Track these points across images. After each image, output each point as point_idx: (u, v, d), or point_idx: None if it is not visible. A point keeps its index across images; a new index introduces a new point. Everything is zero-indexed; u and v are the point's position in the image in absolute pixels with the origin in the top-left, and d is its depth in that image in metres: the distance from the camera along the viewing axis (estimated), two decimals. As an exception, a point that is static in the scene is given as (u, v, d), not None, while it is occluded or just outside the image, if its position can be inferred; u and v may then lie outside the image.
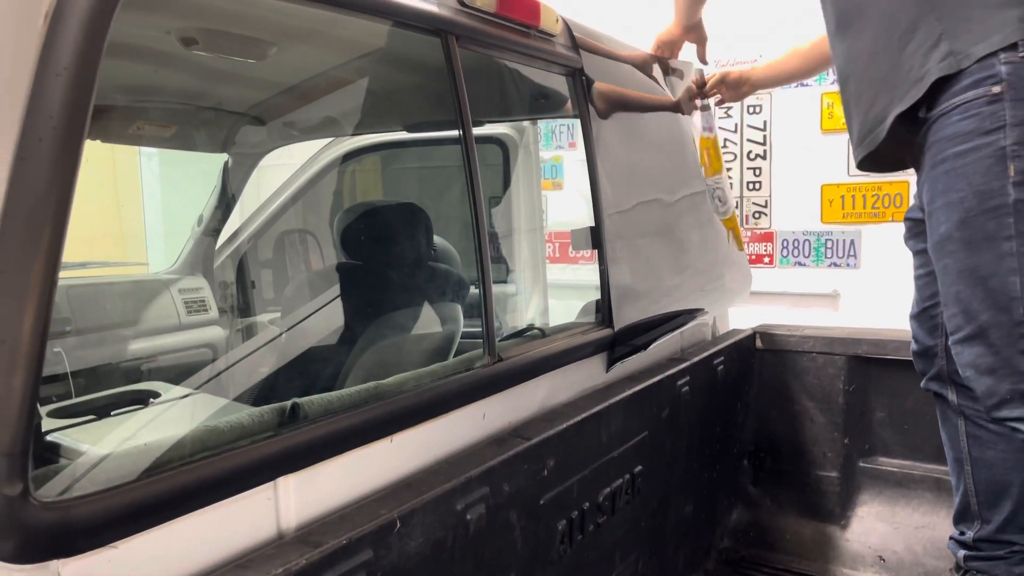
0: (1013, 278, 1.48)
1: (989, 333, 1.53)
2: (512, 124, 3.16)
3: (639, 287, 2.01)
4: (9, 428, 0.74)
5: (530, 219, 3.51)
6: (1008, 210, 1.46)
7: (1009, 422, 1.56)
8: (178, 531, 0.91)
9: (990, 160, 1.48)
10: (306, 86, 2.23)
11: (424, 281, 2.58)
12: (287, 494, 1.06)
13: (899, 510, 2.42)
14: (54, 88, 0.81)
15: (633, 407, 1.80)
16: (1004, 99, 1.46)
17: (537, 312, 3.28)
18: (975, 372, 1.58)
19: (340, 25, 1.60)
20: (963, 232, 1.53)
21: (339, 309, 2.52)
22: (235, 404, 2.15)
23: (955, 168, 1.54)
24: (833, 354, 2.47)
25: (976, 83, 1.49)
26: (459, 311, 2.59)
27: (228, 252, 3.44)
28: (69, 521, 0.80)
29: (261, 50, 1.94)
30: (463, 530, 1.23)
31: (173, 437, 0.95)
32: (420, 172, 3.57)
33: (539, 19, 1.70)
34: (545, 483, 1.46)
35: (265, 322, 3.29)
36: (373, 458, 1.20)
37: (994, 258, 1.49)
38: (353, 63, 1.86)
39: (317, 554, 0.97)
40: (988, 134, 1.48)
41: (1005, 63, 1.46)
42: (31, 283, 0.77)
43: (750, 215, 4.45)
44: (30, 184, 0.78)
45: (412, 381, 1.32)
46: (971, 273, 1.53)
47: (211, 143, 2.96)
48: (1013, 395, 1.52)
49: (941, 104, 1.55)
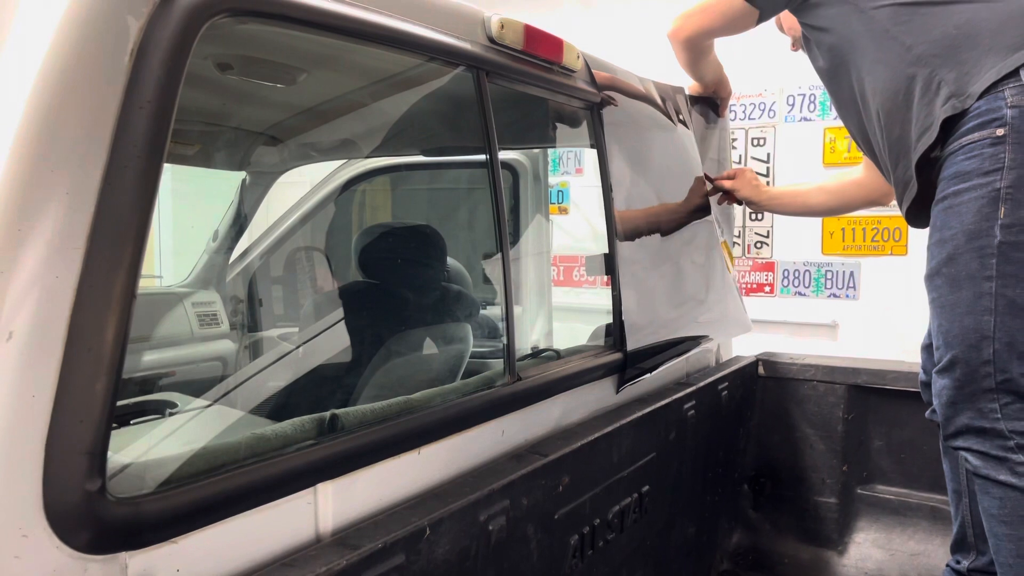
0: (987, 317, 1.54)
1: (957, 368, 1.60)
2: (523, 151, 3.26)
3: (649, 312, 2.08)
4: (93, 428, 0.81)
5: (537, 243, 3.60)
6: (992, 251, 1.53)
7: (960, 451, 1.64)
8: (230, 530, 0.97)
9: (983, 200, 1.54)
10: (330, 110, 2.32)
11: (437, 301, 2.65)
12: (325, 500, 1.12)
13: (895, 537, 2.48)
14: (138, 120, 0.89)
15: (643, 428, 1.87)
16: (1006, 142, 1.52)
17: (542, 334, 3.36)
18: (939, 402, 1.66)
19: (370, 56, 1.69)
20: (949, 269, 1.60)
21: (355, 327, 2.59)
22: (251, 416, 2.22)
23: (952, 206, 1.61)
24: (834, 383, 2.54)
25: (981, 125, 1.55)
26: (469, 331, 2.66)
27: (240, 268, 3.51)
28: (138, 516, 0.86)
29: (292, 76, 2.03)
30: (485, 540, 1.29)
31: (227, 443, 1.02)
32: (431, 194, 3.66)
33: (562, 56, 1.79)
34: (560, 499, 1.53)
35: (275, 337, 3.35)
36: (403, 469, 1.27)
37: (973, 296, 1.56)
38: (378, 90, 1.95)
39: (356, 556, 1.03)
40: (986, 175, 1.54)
41: (1012, 107, 1.52)
42: (114, 296, 0.85)
43: (752, 244, 4.54)
44: (115, 207, 0.86)
45: (439, 397, 1.39)
46: (951, 309, 1.60)
47: (230, 161, 3.05)
48: (969, 429, 1.60)
49: (950, 144, 1.63)
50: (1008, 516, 1.54)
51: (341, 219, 3.36)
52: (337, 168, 3.25)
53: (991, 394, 1.56)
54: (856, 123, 1.94)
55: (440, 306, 2.67)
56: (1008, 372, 1.54)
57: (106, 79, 0.88)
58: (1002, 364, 1.54)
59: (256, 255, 3.51)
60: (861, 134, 1.95)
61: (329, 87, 2.11)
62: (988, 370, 1.55)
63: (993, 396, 1.55)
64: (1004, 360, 1.54)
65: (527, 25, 1.65)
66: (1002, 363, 1.54)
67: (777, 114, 4.43)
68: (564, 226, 4.92)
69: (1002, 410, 1.55)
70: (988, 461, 1.57)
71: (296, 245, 3.37)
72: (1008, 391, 1.55)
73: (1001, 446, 1.55)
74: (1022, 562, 1.53)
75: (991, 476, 1.56)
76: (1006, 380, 1.55)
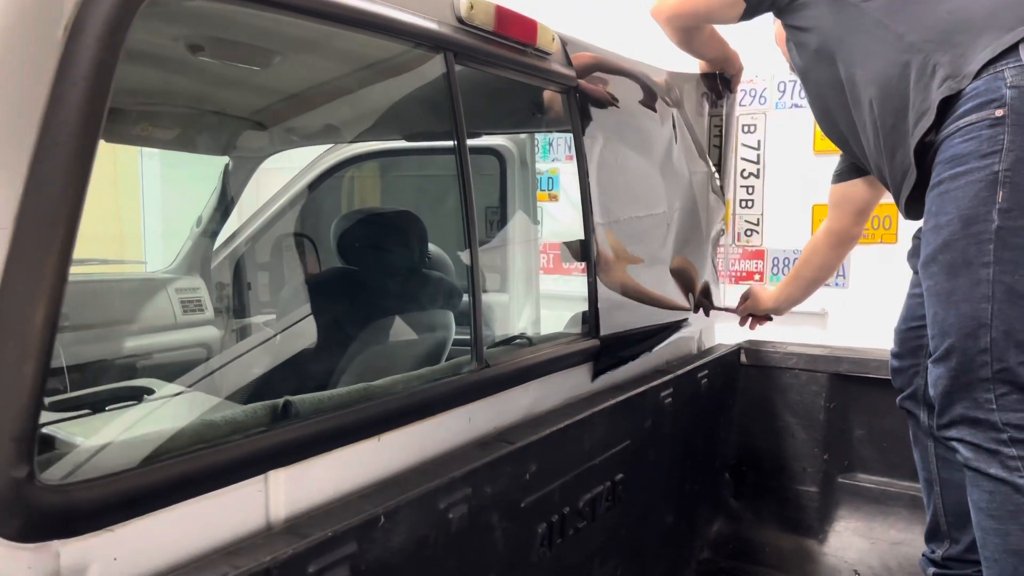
0: (984, 305, 1.50)
1: (953, 357, 1.56)
2: (509, 136, 3.22)
3: (626, 300, 2.06)
4: (19, 415, 0.79)
5: (525, 230, 3.57)
6: (989, 236, 1.48)
7: (952, 441, 1.61)
8: (172, 518, 0.95)
9: (980, 184, 1.49)
10: (307, 94, 2.29)
11: (417, 288, 2.63)
12: (277, 487, 1.10)
13: (876, 526, 2.47)
14: (72, 97, 0.86)
15: (616, 416, 1.85)
16: (1005, 123, 1.47)
17: (529, 322, 3.34)
18: (935, 391, 1.62)
19: (343, 38, 1.66)
20: (945, 255, 1.56)
21: (332, 313, 2.57)
22: (227, 402, 2.19)
23: (948, 191, 1.56)
24: (816, 371, 2.53)
25: (979, 106, 1.51)
26: (451, 318, 2.64)
27: (225, 254, 3.48)
28: (70, 504, 0.84)
29: (265, 58, 2.00)
30: (445, 528, 1.27)
31: (171, 429, 1.00)
32: (417, 180, 3.63)
33: (536, 38, 1.76)
34: (527, 487, 1.51)
35: (260, 323, 3.34)
36: (361, 456, 1.25)
37: (970, 283, 1.51)
38: (353, 74, 1.92)
39: (304, 545, 1.01)
40: (984, 157, 1.49)
41: (1012, 87, 1.48)
42: (43, 279, 0.82)
43: (742, 232, 4.51)
44: (45, 186, 0.83)
45: (401, 384, 1.37)
46: (948, 296, 1.56)
47: (213, 146, 3.01)
48: (963, 420, 1.56)
49: (947, 127, 1.58)
50: (996, 510, 1.51)
51: (322, 205, 3.33)
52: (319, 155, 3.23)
53: (987, 384, 1.51)
54: (844, 120, 1.88)
55: (421, 293, 2.65)
56: (1005, 361, 1.50)
57: (38, 54, 0.86)
58: (999, 353, 1.49)
59: (241, 241, 3.49)
60: (849, 130, 1.89)
61: (294, 70, 2.08)
62: (985, 359, 1.51)
63: (989, 386, 1.51)
64: (1001, 349, 1.49)
65: (499, 6, 1.62)
66: (999, 352, 1.49)
67: (768, 101, 4.39)
68: (554, 213, 4.89)
69: (997, 401, 1.51)
70: (980, 453, 1.53)
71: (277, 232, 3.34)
72: (1005, 381, 1.50)
73: (994, 439, 1.51)
74: (1008, 557, 1.50)
75: (982, 469, 1.53)
76: (1003, 370, 1.50)
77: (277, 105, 2.58)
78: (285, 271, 3.40)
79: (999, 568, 1.52)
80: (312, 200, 3.35)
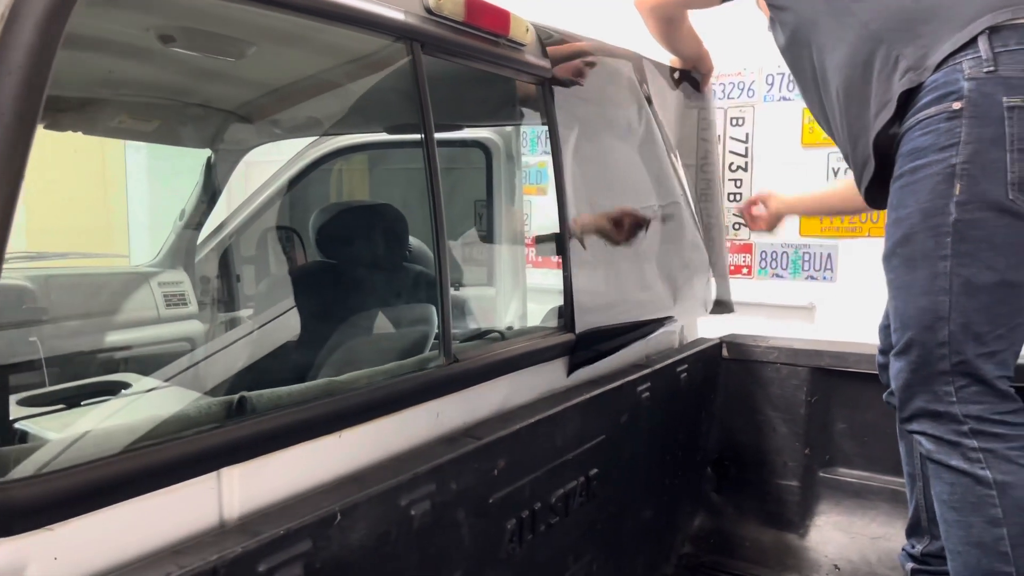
0: (943, 298, 1.50)
1: (913, 350, 1.56)
2: (496, 128, 3.20)
3: (603, 293, 2.05)
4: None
5: (511, 223, 3.55)
6: (947, 229, 1.48)
7: (916, 434, 1.61)
8: (119, 516, 0.94)
9: (938, 178, 1.49)
10: (284, 86, 2.26)
11: (397, 281, 2.61)
12: (231, 485, 1.09)
13: (856, 520, 2.46)
14: (6, 87, 0.84)
15: (590, 411, 1.83)
16: (963, 116, 1.46)
17: (516, 315, 3.32)
18: (896, 384, 1.63)
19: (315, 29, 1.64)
20: (905, 248, 1.56)
21: (311, 307, 2.55)
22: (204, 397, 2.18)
23: (908, 184, 1.56)
24: (797, 365, 2.51)
25: (938, 99, 1.50)
26: (433, 312, 2.62)
27: (209, 247, 3.46)
28: (5, 503, 0.83)
29: (239, 49, 1.97)
30: (407, 525, 1.26)
31: (118, 426, 0.99)
32: (399, 174, 3.61)
33: (508, 28, 1.73)
34: (495, 482, 1.50)
35: (244, 317, 3.32)
36: (321, 453, 1.24)
37: (928, 276, 1.52)
38: (327, 65, 1.90)
39: (254, 543, 1.00)
40: (942, 151, 1.49)
41: (969, 79, 1.47)
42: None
43: (730, 226, 4.50)
44: (-23, 177, 0.82)
45: (364, 379, 1.35)
46: (907, 289, 1.57)
47: (193, 138, 2.99)
48: (924, 413, 1.57)
49: (908, 120, 1.57)
50: (958, 503, 1.51)
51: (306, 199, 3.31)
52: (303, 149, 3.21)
53: (946, 376, 1.52)
54: (818, 103, 1.89)
55: (401, 286, 2.63)
56: (963, 354, 1.50)
57: (-29, 43, 0.84)
58: (957, 346, 1.50)
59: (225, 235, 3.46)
60: (822, 115, 1.91)
61: (277, 61, 2.05)
62: (943, 352, 1.51)
63: (948, 379, 1.51)
64: (959, 342, 1.49)
65: (469, -5, 1.60)
66: (957, 345, 1.50)
67: (756, 93, 4.37)
68: (543, 207, 4.87)
69: (957, 393, 1.51)
70: (941, 446, 1.53)
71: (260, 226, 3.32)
72: (963, 373, 1.51)
73: (955, 431, 1.51)
74: (971, 549, 1.50)
75: (943, 461, 1.53)
76: (961, 362, 1.51)
77: (254, 96, 2.56)
78: (266, 265, 3.38)
79: (962, 560, 1.52)
80: (296, 194, 3.33)
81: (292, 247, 3.35)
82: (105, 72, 2.12)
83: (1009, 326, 1.50)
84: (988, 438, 1.49)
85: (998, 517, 1.46)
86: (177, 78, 2.32)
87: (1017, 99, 1.43)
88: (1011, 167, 1.44)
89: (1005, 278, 1.47)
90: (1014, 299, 1.50)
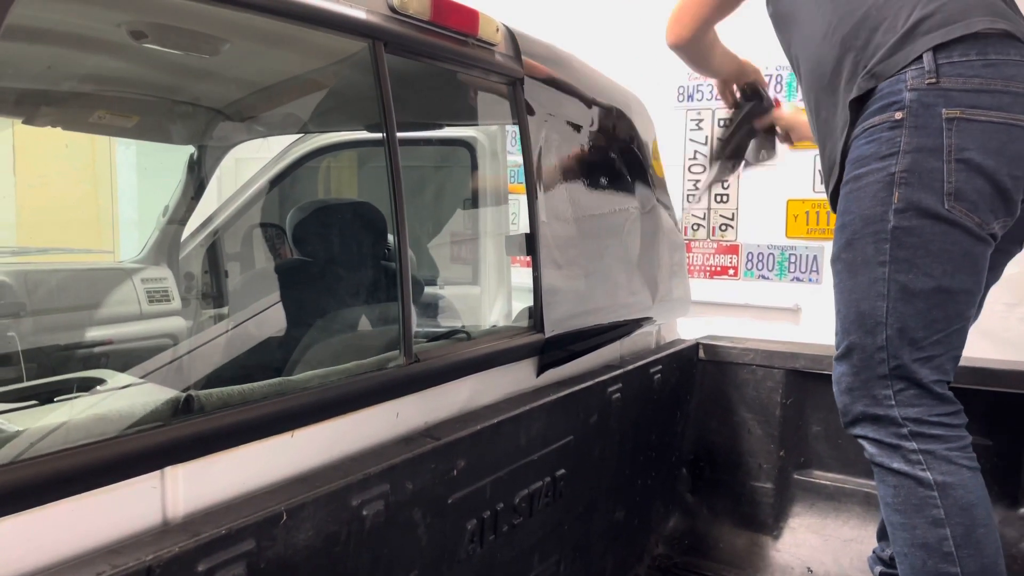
0: (880, 303, 1.53)
1: (853, 354, 1.59)
2: (480, 127, 3.20)
3: (573, 295, 2.04)
4: None
5: (496, 222, 3.54)
6: (886, 236, 1.51)
7: (858, 438, 1.63)
8: (51, 516, 0.93)
9: (878, 185, 1.53)
10: (255, 83, 2.26)
11: (375, 280, 2.61)
12: (175, 484, 1.09)
13: (829, 523, 2.46)
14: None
15: (557, 412, 1.83)
16: (903, 126, 1.50)
17: (502, 314, 3.32)
18: (837, 389, 1.65)
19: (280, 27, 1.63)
20: (847, 254, 1.59)
21: (288, 305, 2.55)
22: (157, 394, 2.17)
23: (852, 191, 1.59)
24: (772, 367, 2.51)
25: (882, 108, 1.53)
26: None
27: (193, 244, 3.46)
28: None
29: (213, 46, 1.97)
30: (358, 525, 1.26)
31: (55, 422, 0.98)
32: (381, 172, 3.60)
33: (477, 28, 1.73)
34: (454, 483, 1.49)
35: (226, 314, 3.31)
36: (271, 453, 1.23)
37: (868, 281, 1.55)
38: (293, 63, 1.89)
39: (193, 542, 0.99)
40: (883, 159, 1.52)
41: (911, 90, 1.50)
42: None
43: (716, 227, 4.50)
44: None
45: (318, 378, 1.35)
46: (849, 294, 1.60)
47: (172, 134, 2.99)
48: (865, 416, 1.59)
49: (856, 127, 1.60)
50: (902, 505, 1.52)
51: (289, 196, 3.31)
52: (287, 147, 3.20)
53: (885, 381, 1.55)
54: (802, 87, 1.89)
55: (378, 285, 2.63)
56: (900, 359, 1.54)
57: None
58: (894, 350, 1.53)
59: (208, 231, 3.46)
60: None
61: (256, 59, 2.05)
62: (882, 356, 1.54)
63: (887, 383, 1.54)
64: (896, 346, 1.53)
65: (435, -6, 1.59)
66: (894, 349, 1.53)
67: (745, 94, 4.37)
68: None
69: (895, 396, 1.54)
70: (883, 449, 1.55)
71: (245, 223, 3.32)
72: (901, 377, 1.54)
73: (895, 433, 1.54)
74: (916, 551, 1.51)
75: (885, 464, 1.55)
76: (898, 367, 1.54)
77: (234, 93, 2.55)
78: (251, 262, 3.38)
79: (909, 562, 1.53)
80: (280, 191, 3.33)
81: (276, 244, 3.36)
82: (77, 66, 2.12)
83: (946, 332, 1.53)
84: (927, 440, 1.51)
85: (940, 518, 1.48)
86: (150, 73, 2.32)
87: (956, 111, 1.46)
88: (947, 178, 1.47)
89: (941, 284, 1.50)
90: (950, 305, 1.52)
